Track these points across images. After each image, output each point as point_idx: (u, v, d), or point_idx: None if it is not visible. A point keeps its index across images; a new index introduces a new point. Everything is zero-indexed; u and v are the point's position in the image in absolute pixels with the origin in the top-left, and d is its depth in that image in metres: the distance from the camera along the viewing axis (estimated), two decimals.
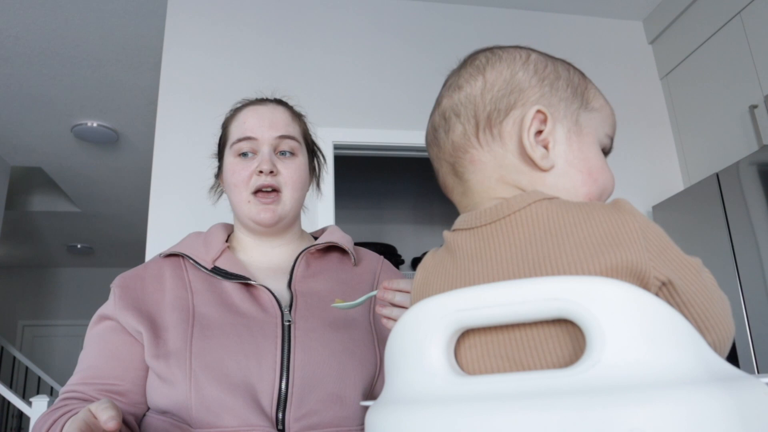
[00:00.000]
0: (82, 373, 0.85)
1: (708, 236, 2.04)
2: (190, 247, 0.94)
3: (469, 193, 0.53)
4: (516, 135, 0.51)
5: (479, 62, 0.55)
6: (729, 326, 0.46)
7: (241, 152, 0.92)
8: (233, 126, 0.97)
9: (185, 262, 0.93)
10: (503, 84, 0.53)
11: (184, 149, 2.18)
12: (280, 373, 0.78)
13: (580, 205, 0.46)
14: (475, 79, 0.54)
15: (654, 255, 0.43)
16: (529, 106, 0.51)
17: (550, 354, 0.42)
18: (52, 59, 2.78)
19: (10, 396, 3.36)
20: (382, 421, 0.43)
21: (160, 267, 0.93)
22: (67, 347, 6.70)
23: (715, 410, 0.34)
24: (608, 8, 2.69)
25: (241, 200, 0.91)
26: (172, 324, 0.83)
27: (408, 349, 0.44)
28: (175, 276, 0.90)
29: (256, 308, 0.85)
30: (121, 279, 0.92)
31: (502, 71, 0.53)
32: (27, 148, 3.70)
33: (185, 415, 0.77)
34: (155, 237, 2.06)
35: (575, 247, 0.43)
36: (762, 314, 1.81)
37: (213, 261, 0.90)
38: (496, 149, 0.52)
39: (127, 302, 0.87)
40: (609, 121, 0.57)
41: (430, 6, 2.60)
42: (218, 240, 0.95)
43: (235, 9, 2.40)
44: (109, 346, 0.85)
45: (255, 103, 1.00)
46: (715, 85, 2.37)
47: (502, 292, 0.41)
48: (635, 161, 2.53)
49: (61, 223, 5.25)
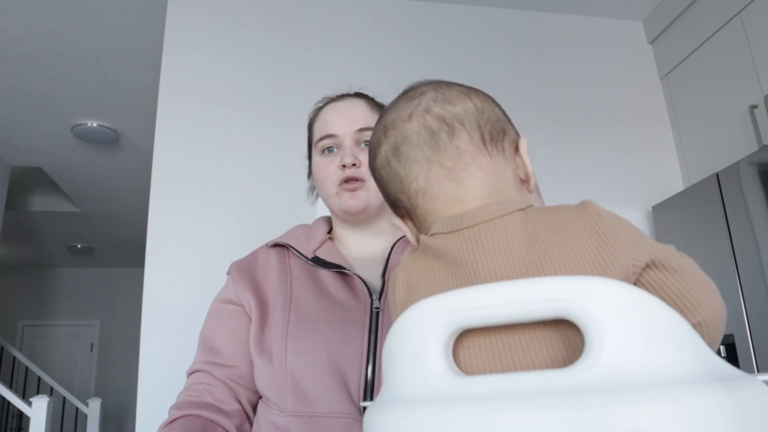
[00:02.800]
0: (207, 353, 0.91)
1: (708, 236, 2.04)
2: (294, 238, 0.98)
3: (463, 199, 0.52)
4: (511, 156, 0.56)
5: (458, 88, 0.57)
6: (718, 306, 0.46)
7: (325, 149, 0.96)
8: (316, 125, 1.00)
9: (288, 252, 0.97)
10: (490, 111, 0.56)
11: (184, 149, 2.18)
12: (367, 360, 0.81)
13: (552, 210, 0.49)
14: (464, 100, 0.56)
15: (627, 246, 0.45)
16: (514, 135, 0.57)
17: (543, 356, 0.42)
18: (52, 59, 2.78)
19: (10, 396, 3.36)
20: (380, 421, 0.43)
21: (267, 255, 0.97)
22: (67, 347, 6.70)
23: (715, 410, 0.34)
24: (608, 8, 2.69)
25: (330, 194, 0.95)
26: (273, 308, 0.88)
27: (407, 349, 0.44)
28: (279, 262, 0.95)
29: (349, 296, 0.88)
30: (236, 265, 0.97)
31: (484, 101, 0.57)
32: (27, 148, 3.70)
33: (279, 399, 0.81)
34: (155, 237, 2.06)
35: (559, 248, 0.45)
36: (762, 314, 1.81)
37: (314, 251, 0.94)
38: (500, 162, 0.54)
39: (245, 284, 0.92)
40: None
41: (430, 6, 2.60)
42: (320, 232, 0.99)
43: (236, 9, 2.40)
44: (231, 330, 0.91)
45: (334, 100, 1.02)
46: (715, 85, 2.37)
47: (501, 292, 0.41)
48: (635, 161, 2.53)
49: (61, 223, 5.25)
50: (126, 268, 6.80)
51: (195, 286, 1.98)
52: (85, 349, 6.73)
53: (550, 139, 2.45)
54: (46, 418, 3.15)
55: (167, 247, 2.05)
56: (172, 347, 1.89)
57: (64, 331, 6.73)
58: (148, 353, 1.93)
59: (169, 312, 1.97)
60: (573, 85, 2.59)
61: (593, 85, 2.62)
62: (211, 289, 1.03)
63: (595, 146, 2.51)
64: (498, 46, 2.59)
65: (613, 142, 2.54)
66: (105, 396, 5.96)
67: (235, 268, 0.97)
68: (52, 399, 3.25)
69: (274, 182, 2.20)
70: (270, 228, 1.02)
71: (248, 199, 2.16)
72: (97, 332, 6.79)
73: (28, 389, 6.09)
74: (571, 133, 2.50)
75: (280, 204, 2.18)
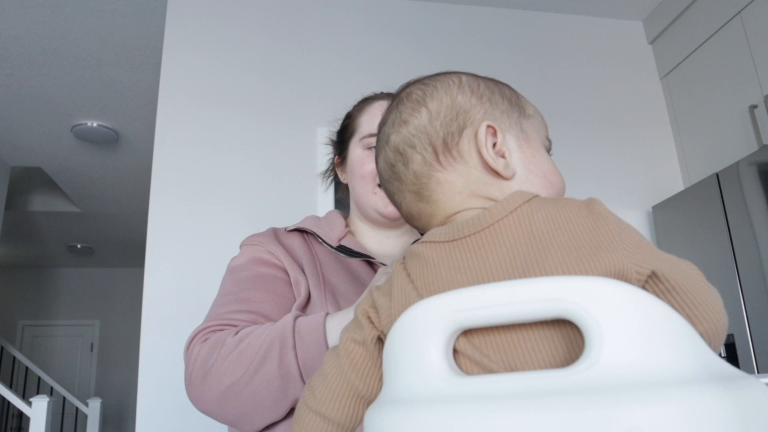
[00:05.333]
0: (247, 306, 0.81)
1: (708, 236, 2.04)
2: (314, 225, 0.96)
3: (439, 212, 0.54)
4: (474, 151, 0.54)
5: (416, 95, 0.57)
6: (720, 315, 0.46)
7: (371, 146, 0.95)
8: (364, 119, 0.98)
9: (310, 239, 0.95)
10: (447, 110, 0.55)
11: (184, 149, 2.18)
12: None
13: (558, 206, 0.48)
14: (418, 111, 0.56)
15: (631, 252, 0.44)
16: (477, 123, 0.54)
17: (544, 356, 0.42)
18: (52, 59, 2.78)
19: (10, 396, 3.36)
20: (381, 421, 0.43)
21: (288, 236, 0.95)
22: (67, 347, 6.70)
23: (714, 410, 0.34)
24: (608, 8, 2.69)
25: (368, 191, 0.94)
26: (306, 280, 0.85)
27: (407, 349, 0.44)
28: (303, 245, 0.93)
29: None
30: (255, 235, 0.93)
31: (442, 99, 0.56)
32: (27, 148, 3.70)
33: None
34: (155, 237, 2.06)
35: (559, 250, 0.44)
36: (762, 314, 1.81)
37: (338, 240, 0.94)
38: (459, 168, 0.54)
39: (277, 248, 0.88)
40: (544, 124, 0.61)
41: (430, 6, 2.60)
42: (340, 223, 0.98)
43: (235, 9, 2.40)
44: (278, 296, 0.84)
45: (386, 98, 1.00)
46: (715, 85, 2.37)
47: (501, 292, 0.41)
48: (635, 161, 2.53)
49: (61, 223, 5.25)
50: (126, 268, 6.81)
51: (195, 285, 1.98)
52: (85, 349, 6.73)
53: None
54: (46, 418, 3.15)
55: (167, 247, 2.05)
56: (171, 347, 1.89)
57: (64, 331, 6.72)
58: (147, 353, 1.93)
59: (169, 312, 1.97)
60: (573, 84, 2.59)
61: (593, 84, 2.62)
62: (211, 289, 1.02)
63: (594, 146, 2.51)
64: (498, 46, 2.59)
65: (613, 141, 2.54)
66: (105, 396, 5.96)
67: (258, 235, 0.92)
68: (52, 399, 3.25)
69: (273, 182, 2.20)
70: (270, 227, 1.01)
71: (248, 198, 2.16)
72: (97, 332, 6.79)
73: (28, 389, 6.09)
74: (571, 132, 2.50)
75: (280, 203, 2.18)
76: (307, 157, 2.25)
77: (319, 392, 0.53)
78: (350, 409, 0.52)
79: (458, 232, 0.50)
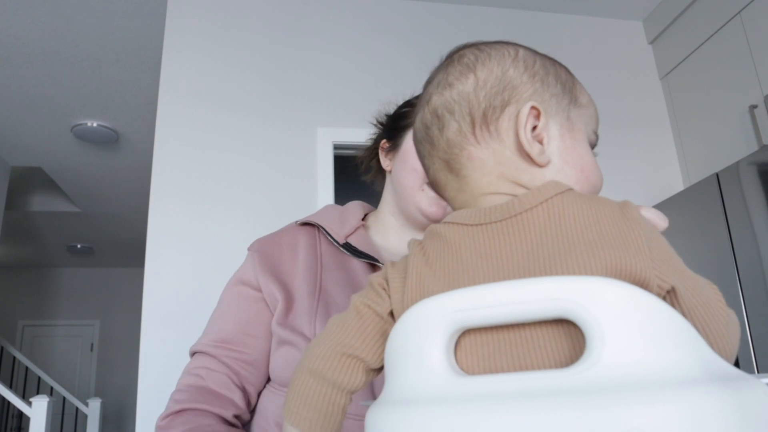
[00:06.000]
0: (214, 335, 0.87)
1: (708, 236, 2.04)
2: (326, 218, 0.94)
3: (466, 189, 0.52)
4: (512, 131, 0.51)
5: (468, 60, 0.54)
6: (731, 343, 0.45)
7: None
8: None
9: (319, 234, 0.94)
10: (495, 81, 0.52)
11: (184, 149, 2.18)
12: None
13: (591, 203, 0.46)
14: (465, 76, 0.53)
15: (657, 263, 0.43)
16: (522, 102, 0.51)
17: (549, 354, 0.42)
18: (52, 59, 2.78)
19: (10, 396, 3.36)
20: (381, 421, 0.43)
21: (296, 235, 0.93)
22: (67, 347, 6.70)
23: (715, 410, 0.34)
24: (608, 8, 2.69)
25: (415, 186, 0.90)
26: (300, 295, 0.85)
27: (408, 348, 0.44)
28: (309, 246, 0.91)
29: None
30: (259, 244, 0.92)
31: (492, 69, 0.53)
32: (27, 148, 3.71)
33: None
34: (155, 237, 2.06)
35: (586, 247, 0.43)
36: (762, 314, 1.81)
37: (346, 236, 0.91)
38: (493, 146, 0.51)
39: (266, 268, 0.88)
40: (595, 118, 0.58)
41: (430, 6, 2.60)
42: (355, 217, 0.95)
43: (235, 9, 2.40)
44: (243, 314, 0.87)
45: None
46: (715, 85, 2.37)
47: (502, 292, 0.41)
48: (635, 161, 2.53)
49: (61, 223, 5.25)
50: (126, 268, 6.81)
51: (195, 285, 1.98)
52: (85, 349, 6.74)
53: None
54: (46, 418, 3.15)
55: (167, 247, 2.05)
56: (171, 347, 1.89)
57: (64, 331, 6.73)
58: (147, 353, 1.93)
59: (169, 312, 1.97)
60: None
61: (593, 84, 2.60)
62: (211, 289, 1.02)
63: None
64: None
65: (613, 142, 2.54)
66: (105, 396, 5.96)
67: (258, 247, 0.91)
68: (52, 399, 3.25)
69: (273, 182, 2.20)
70: (270, 228, 1.00)
71: (248, 198, 2.16)
72: (97, 332, 6.79)
73: (28, 389, 6.09)
74: None
75: (280, 203, 2.18)
76: (308, 157, 2.25)
77: (318, 349, 0.50)
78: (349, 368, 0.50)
79: (485, 217, 0.48)
